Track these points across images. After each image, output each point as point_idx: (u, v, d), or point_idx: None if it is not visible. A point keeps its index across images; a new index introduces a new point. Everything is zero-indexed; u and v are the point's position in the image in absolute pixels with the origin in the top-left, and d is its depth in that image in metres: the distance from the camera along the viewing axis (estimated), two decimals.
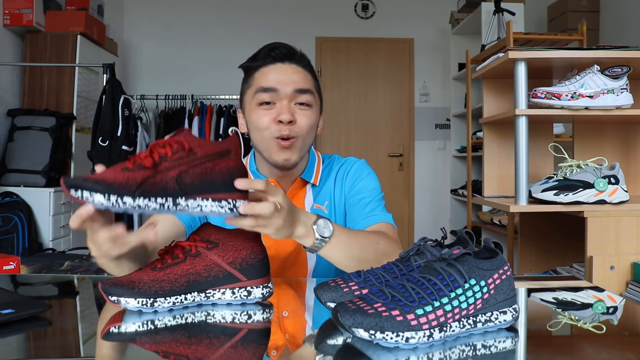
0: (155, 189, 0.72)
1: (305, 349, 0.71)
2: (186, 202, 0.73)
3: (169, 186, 0.73)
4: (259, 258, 0.86)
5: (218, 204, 0.75)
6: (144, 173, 0.72)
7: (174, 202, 0.73)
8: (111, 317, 0.80)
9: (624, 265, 1.62)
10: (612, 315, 0.88)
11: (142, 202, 0.71)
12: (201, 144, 0.76)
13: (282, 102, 1.12)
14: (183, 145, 0.75)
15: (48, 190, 3.27)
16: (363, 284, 0.79)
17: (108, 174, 0.72)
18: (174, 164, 0.74)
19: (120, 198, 0.70)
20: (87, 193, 0.69)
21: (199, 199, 0.74)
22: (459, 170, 4.79)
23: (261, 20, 4.85)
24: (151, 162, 0.73)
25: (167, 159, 0.74)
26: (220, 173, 0.75)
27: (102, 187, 0.70)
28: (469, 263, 0.69)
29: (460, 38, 4.61)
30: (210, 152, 0.76)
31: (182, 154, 0.75)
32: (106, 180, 0.71)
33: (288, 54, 1.15)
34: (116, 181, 0.71)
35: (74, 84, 3.59)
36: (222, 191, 0.75)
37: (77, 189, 0.70)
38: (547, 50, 1.68)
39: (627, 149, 2.01)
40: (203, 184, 0.74)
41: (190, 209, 0.74)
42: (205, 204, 0.74)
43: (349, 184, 1.23)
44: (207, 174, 0.75)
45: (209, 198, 0.74)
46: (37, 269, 2.26)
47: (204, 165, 0.75)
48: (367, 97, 5.03)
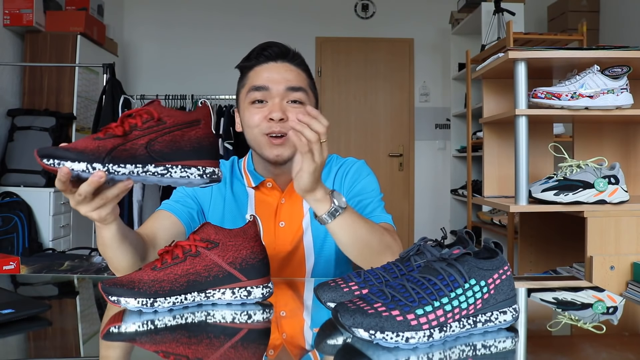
0: (125, 156, 0.75)
1: (305, 349, 0.71)
2: (155, 169, 0.76)
3: (139, 153, 0.76)
4: (259, 258, 0.86)
5: (187, 170, 0.78)
6: (114, 141, 0.75)
7: (143, 168, 0.76)
8: (111, 317, 0.80)
9: (624, 265, 1.62)
10: (612, 315, 0.88)
11: (111, 168, 0.74)
12: (171, 114, 0.79)
13: (274, 100, 1.13)
14: (152, 114, 0.78)
15: (48, 190, 3.27)
16: (363, 284, 0.79)
17: (80, 143, 0.75)
18: (143, 132, 0.77)
19: (90, 164, 0.74)
20: (58, 161, 0.73)
21: (168, 166, 0.77)
22: (459, 170, 4.79)
23: (261, 20, 4.85)
24: (121, 130, 0.76)
25: (137, 127, 0.77)
26: (189, 141, 0.78)
27: (73, 154, 0.73)
28: (469, 263, 0.69)
29: (460, 38, 4.61)
30: (180, 121, 0.79)
31: (152, 123, 0.77)
32: (77, 148, 0.74)
33: (281, 53, 1.16)
34: (87, 149, 0.74)
35: (74, 84, 3.59)
36: (191, 158, 0.78)
37: (49, 157, 0.73)
38: (547, 50, 1.68)
39: (627, 149, 2.01)
40: (172, 152, 0.77)
41: (159, 175, 0.77)
42: (175, 171, 0.77)
43: (348, 185, 1.23)
44: (176, 142, 0.77)
45: (178, 165, 0.77)
46: (37, 269, 2.26)
47: (173, 134, 0.78)
48: (367, 97, 5.03)
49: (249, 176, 1.23)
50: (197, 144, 0.79)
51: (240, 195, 1.23)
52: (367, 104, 5.03)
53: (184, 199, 1.21)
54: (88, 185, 0.75)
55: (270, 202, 1.21)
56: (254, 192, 1.22)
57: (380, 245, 1.00)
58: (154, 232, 1.09)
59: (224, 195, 1.23)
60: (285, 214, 1.20)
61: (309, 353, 0.70)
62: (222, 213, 1.21)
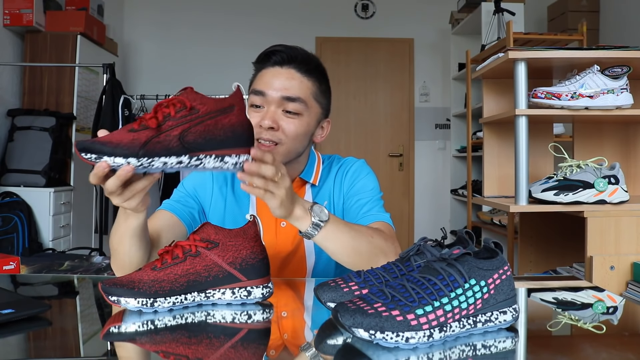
0: (159, 148, 0.74)
1: (304, 350, 0.71)
2: (189, 160, 0.75)
3: (172, 145, 0.74)
4: (259, 258, 0.86)
5: (221, 159, 0.77)
6: (147, 133, 0.74)
7: (177, 159, 0.75)
8: (111, 317, 0.80)
9: (624, 265, 1.62)
10: (612, 315, 0.88)
11: (145, 161, 0.74)
12: (204, 101, 0.78)
13: (269, 107, 1.11)
14: (185, 103, 0.76)
15: (48, 190, 3.27)
16: (363, 284, 0.79)
17: (115, 136, 0.74)
18: (177, 123, 0.75)
19: (125, 158, 0.73)
20: (97, 155, 0.73)
21: (202, 156, 0.76)
22: (459, 170, 4.79)
23: (261, 20, 4.85)
24: (155, 122, 0.75)
25: (170, 118, 0.76)
26: (222, 129, 0.77)
27: (109, 149, 0.73)
28: (469, 263, 0.69)
29: (460, 38, 4.61)
30: (213, 109, 0.77)
31: (185, 112, 0.76)
32: (112, 142, 0.73)
33: (287, 58, 1.13)
34: (122, 143, 0.73)
35: (74, 84, 3.59)
36: (225, 147, 0.77)
37: (88, 152, 0.73)
38: (547, 50, 1.68)
39: (627, 149, 2.01)
40: (205, 141, 0.76)
41: (193, 166, 0.76)
42: (209, 161, 0.76)
43: (348, 184, 1.23)
44: (209, 131, 0.76)
45: (212, 154, 0.76)
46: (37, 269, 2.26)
47: (206, 123, 0.76)
48: (367, 97, 5.03)
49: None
50: (231, 132, 0.78)
51: (242, 195, 1.23)
52: (367, 104, 5.03)
53: (185, 199, 1.21)
54: (116, 178, 0.76)
55: None
56: None
57: (371, 248, 0.99)
58: (155, 232, 1.09)
59: (225, 196, 1.23)
60: None
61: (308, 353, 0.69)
62: (223, 213, 1.21)
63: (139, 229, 0.93)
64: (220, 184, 1.24)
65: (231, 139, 0.77)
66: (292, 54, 1.14)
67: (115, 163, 0.73)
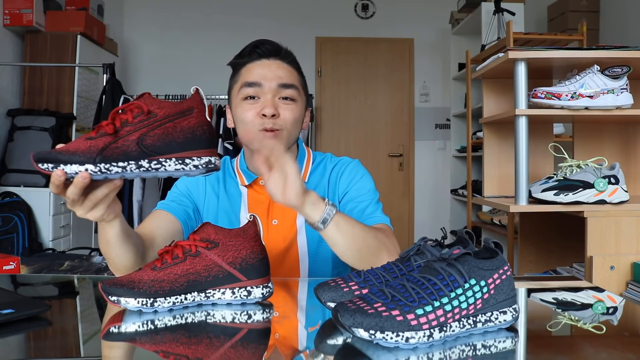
0: (117, 154, 0.74)
1: (305, 349, 0.71)
2: (149, 164, 0.75)
3: (131, 149, 0.74)
4: (259, 258, 0.86)
5: (182, 162, 0.76)
6: (105, 140, 0.74)
7: (136, 164, 0.75)
8: (111, 317, 0.80)
9: (624, 265, 1.62)
10: (612, 315, 0.88)
11: (103, 167, 0.74)
12: (161, 105, 0.77)
13: (266, 97, 1.14)
14: (142, 108, 0.76)
15: (48, 190, 3.27)
16: (363, 284, 0.79)
17: (72, 145, 0.74)
18: (134, 127, 0.75)
19: (82, 165, 0.73)
20: (53, 165, 0.73)
21: (162, 159, 0.75)
22: (459, 170, 4.79)
23: (261, 20, 4.85)
24: (112, 129, 0.75)
25: (128, 123, 0.75)
26: (181, 132, 0.76)
27: (65, 157, 0.73)
28: (469, 263, 0.69)
29: (460, 38, 4.61)
30: (171, 112, 0.77)
31: (143, 117, 0.76)
32: (69, 151, 0.74)
33: (273, 50, 1.17)
34: (78, 150, 0.73)
35: (74, 84, 3.59)
36: (185, 149, 0.76)
37: (44, 162, 0.73)
38: (547, 50, 1.68)
39: (627, 149, 2.01)
40: (165, 144, 0.75)
41: (153, 170, 0.75)
42: (169, 164, 0.76)
43: (344, 186, 1.23)
44: (168, 134, 0.76)
45: (171, 157, 0.76)
46: (37, 269, 2.26)
47: (164, 126, 0.76)
48: (367, 97, 5.03)
49: (241, 174, 1.24)
50: (190, 133, 0.77)
51: (234, 194, 1.23)
52: (367, 104, 5.03)
53: (180, 198, 1.22)
54: (74, 187, 0.75)
55: (263, 200, 1.21)
56: (247, 190, 1.23)
57: (376, 246, 0.99)
58: (152, 231, 1.09)
59: (218, 194, 1.24)
60: (278, 212, 1.21)
61: (308, 353, 0.69)
62: (216, 211, 1.22)
63: (119, 236, 0.91)
64: (213, 183, 1.25)
65: (191, 141, 0.77)
66: (275, 47, 1.18)
67: (72, 170, 0.73)
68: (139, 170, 0.75)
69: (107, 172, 0.74)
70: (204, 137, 0.78)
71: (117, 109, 0.78)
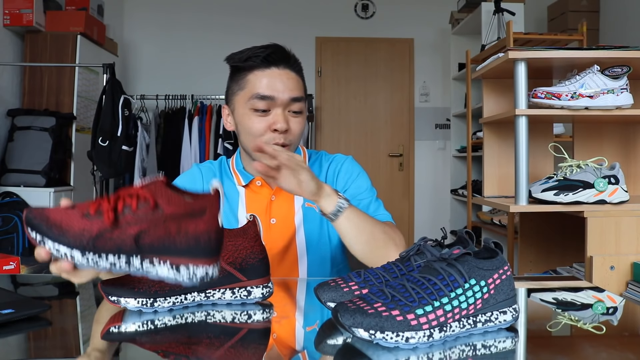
0: (110, 246, 0.67)
1: (305, 349, 0.71)
2: (140, 264, 0.68)
3: (125, 244, 0.68)
4: (259, 258, 0.86)
5: (175, 269, 0.68)
6: (100, 225, 0.67)
7: (127, 260, 0.68)
8: (111, 317, 0.80)
9: (624, 265, 1.62)
10: (612, 315, 0.88)
11: (91, 258, 0.67)
12: (171, 200, 0.69)
13: (277, 110, 1.12)
14: (149, 200, 0.68)
15: (48, 190, 3.27)
16: (363, 284, 0.79)
17: (67, 219, 0.68)
18: (135, 220, 0.68)
19: (70, 251, 0.67)
20: (40, 237, 0.67)
21: (155, 261, 0.68)
22: (459, 170, 4.79)
23: (261, 20, 4.85)
24: (112, 216, 0.68)
25: (130, 211, 0.68)
26: (185, 236, 0.68)
27: (55, 234, 0.67)
28: (469, 263, 0.69)
29: (460, 38, 4.61)
30: (180, 211, 0.68)
31: (147, 209, 0.68)
32: (61, 227, 0.67)
33: (283, 58, 1.14)
34: (70, 230, 0.67)
35: (74, 84, 3.59)
36: (182, 255, 0.68)
37: (34, 229, 0.68)
38: (547, 50, 1.68)
39: (627, 149, 2.01)
40: (163, 247, 0.68)
41: (143, 270, 0.69)
42: (162, 268, 0.68)
43: (342, 184, 1.24)
44: (169, 237, 0.68)
45: (166, 261, 0.68)
46: (37, 269, 2.26)
47: (167, 226, 0.68)
48: (367, 97, 5.03)
49: (238, 175, 1.24)
50: (194, 240, 0.68)
51: (231, 194, 1.23)
52: (367, 104, 5.03)
53: None
54: (55, 269, 0.71)
55: (261, 200, 1.21)
56: (244, 190, 1.23)
57: (385, 239, 1.02)
58: None
59: None
60: (277, 211, 1.21)
61: (306, 353, 0.69)
62: None
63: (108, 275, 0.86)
64: (210, 183, 1.24)
65: (193, 248, 0.68)
66: (285, 54, 1.15)
67: (58, 252, 0.67)
68: (127, 266, 0.68)
69: (94, 264, 0.67)
70: (208, 246, 0.69)
71: (125, 190, 0.70)
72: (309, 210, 1.21)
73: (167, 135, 4.32)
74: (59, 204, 0.72)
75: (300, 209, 1.21)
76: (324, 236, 1.22)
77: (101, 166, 3.23)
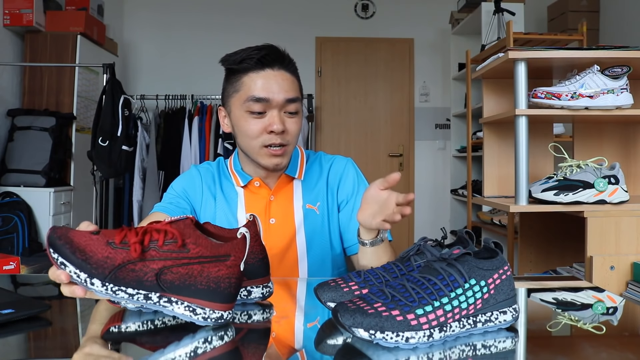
0: (130, 278, 0.68)
1: (304, 349, 0.71)
2: (159, 299, 0.70)
3: (146, 278, 0.68)
4: (259, 258, 0.85)
5: (192, 310, 0.70)
6: (125, 256, 0.68)
7: (145, 296, 0.69)
8: (111, 317, 0.80)
9: (624, 265, 1.62)
10: (612, 315, 0.88)
11: (110, 288, 0.68)
12: (198, 241, 0.70)
13: (272, 112, 1.12)
14: (177, 238, 0.69)
15: (48, 190, 3.27)
16: (363, 284, 0.79)
17: (91, 244, 0.68)
18: (160, 255, 0.69)
19: (90, 279, 0.67)
20: (62, 260, 0.67)
21: (174, 299, 0.70)
22: (459, 170, 4.79)
23: (261, 20, 4.85)
24: (139, 248, 0.68)
25: (156, 246, 0.69)
26: (206, 278, 0.70)
27: (78, 260, 0.67)
28: (469, 263, 0.69)
29: (460, 38, 4.61)
30: (205, 254, 0.70)
31: (174, 247, 0.69)
32: (85, 253, 0.68)
33: (277, 59, 1.13)
34: (94, 256, 0.68)
35: (74, 84, 3.59)
36: (200, 297, 0.70)
37: (56, 251, 0.68)
38: (547, 50, 1.68)
39: (627, 149, 2.01)
40: (184, 286, 0.69)
41: (160, 306, 0.70)
42: (178, 306, 0.70)
43: (346, 192, 1.25)
44: (191, 277, 0.69)
45: (184, 301, 0.70)
46: (37, 269, 2.26)
47: (191, 267, 0.69)
48: (367, 97, 5.03)
49: (236, 176, 1.23)
50: (215, 284, 0.70)
51: (230, 194, 1.23)
52: (367, 104, 5.03)
53: (177, 200, 1.22)
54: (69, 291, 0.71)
55: (260, 200, 1.22)
56: (243, 190, 1.23)
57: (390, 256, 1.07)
58: None
59: (215, 195, 1.24)
60: (276, 211, 1.21)
61: (308, 353, 0.69)
62: (214, 212, 1.22)
63: None
64: (209, 184, 1.25)
65: (213, 291, 0.70)
66: (280, 54, 1.14)
67: (79, 279, 0.67)
68: (145, 301, 0.69)
69: (112, 294, 0.68)
70: (227, 291, 0.71)
71: (154, 224, 0.70)
72: (310, 211, 1.21)
73: (167, 135, 4.32)
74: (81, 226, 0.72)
75: (300, 209, 1.21)
76: (325, 237, 1.22)
77: (101, 166, 3.23)
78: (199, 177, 1.25)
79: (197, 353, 0.67)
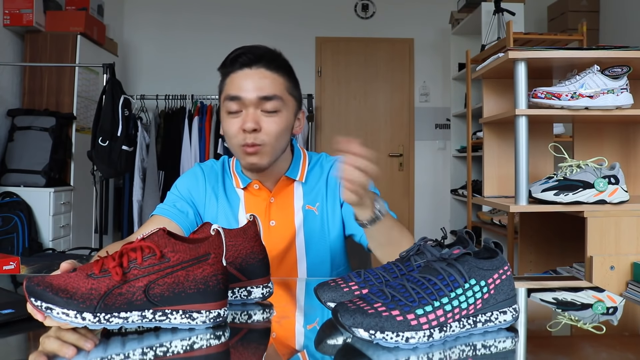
0: (120, 302, 0.68)
1: (305, 349, 0.71)
2: (153, 315, 0.70)
3: (136, 298, 0.68)
4: (259, 258, 0.86)
5: (189, 316, 0.71)
6: (108, 283, 0.68)
7: (140, 315, 0.69)
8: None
9: (624, 265, 1.62)
10: (612, 315, 0.88)
11: (103, 317, 0.67)
12: (176, 248, 0.70)
13: (247, 110, 1.11)
14: (154, 250, 0.69)
15: (48, 190, 3.27)
16: (363, 284, 0.79)
17: (71, 282, 0.67)
18: (143, 272, 0.69)
19: (80, 314, 0.66)
20: (47, 305, 0.65)
21: (168, 312, 0.70)
22: (459, 170, 4.79)
23: (261, 20, 4.85)
24: (120, 271, 0.68)
25: (136, 265, 0.69)
26: (193, 282, 0.70)
27: (62, 300, 0.66)
28: (469, 263, 0.69)
29: (460, 38, 4.61)
30: (185, 258, 0.70)
31: (153, 260, 0.69)
32: (68, 290, 0.66)
33: (254, 58, 1.12)
34: (77, 292, 0.66)
35: (74, 84, 3.60)
36: (194, 302, 0.71)
37: (38, 298, 0.65)
38: (547, 50, 1.68)
39: (627, 149, 2.01)
40: (174, 295, 0.70)
41: (157, 321, 0.70)
42: (175, 317, 0.70)
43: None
44: (179, 284, 0.70)
45: (178, 310, 0.70)
46: (37, 269, 2.26)
47: (176, 274, 0.70)
48: (367, 97, 5.03)
49: (237, 177, 1.23)
50: (203, 284, 0.71)
51: (232, 195, 1.23)
52: (367, 104, 5.03)
53: (180, 202, 1.21)
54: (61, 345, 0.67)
55: (260, 202, 1.21)
56: (243, 192, 1.23)
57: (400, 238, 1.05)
58: None
59: (217, 195, 1.23)
60: (276, 213, 1.21)
61: (308, 353, 0.69)
62: (216, 213, 1.22)
63: None
64: (213, 184, 1.24)
65: (203, 292, 0.71)
66: (258, 53, 1.13)
67: (68, 317, 0.65)
68: (141, 321, 0.69)
69: (107, 322, 0.67)
70: (216, 288, 0.72)
71: (128, 245, 0.70)
72: (309, 212, 1.21)
73: (167, 135, 4.32)
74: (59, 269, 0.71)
75: (300, 210, 1.21)
76: (324, 238, 1.22)
77: (101, 166, 3.23)
78: (203, 176, 1.25)
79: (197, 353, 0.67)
